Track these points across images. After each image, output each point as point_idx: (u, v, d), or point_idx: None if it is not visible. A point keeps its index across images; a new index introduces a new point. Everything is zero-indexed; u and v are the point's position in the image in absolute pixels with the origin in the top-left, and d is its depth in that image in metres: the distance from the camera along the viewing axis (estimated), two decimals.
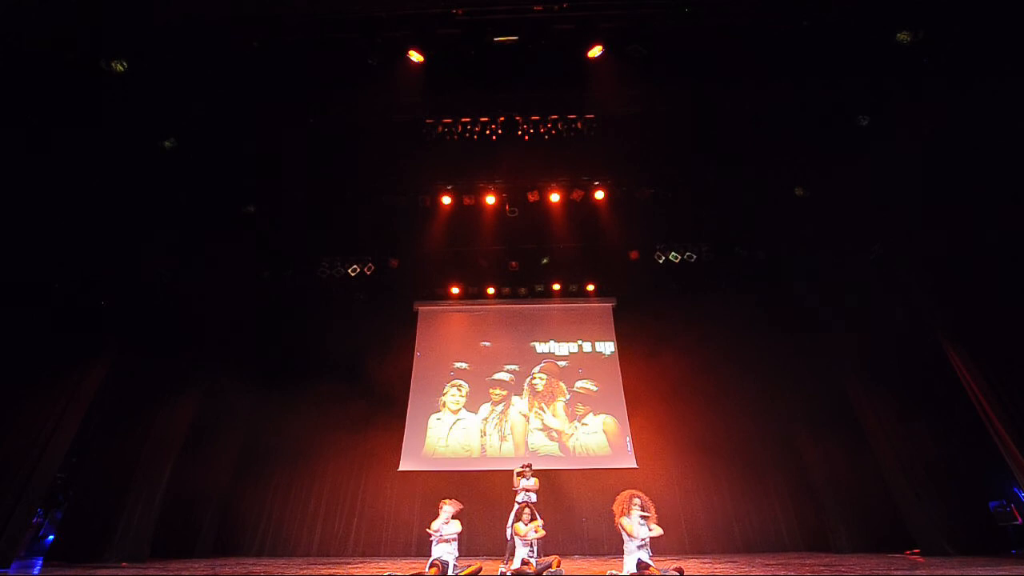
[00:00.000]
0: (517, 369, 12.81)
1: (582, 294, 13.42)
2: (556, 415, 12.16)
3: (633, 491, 5.89)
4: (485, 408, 12.28)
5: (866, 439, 9.29)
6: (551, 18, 7.15)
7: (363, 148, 9.09)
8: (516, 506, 6.72)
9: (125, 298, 9.00)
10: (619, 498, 5.88)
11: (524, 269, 12.16)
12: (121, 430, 9.00)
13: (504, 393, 12.48)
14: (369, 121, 8.65)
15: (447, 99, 8.27)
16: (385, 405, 12.13)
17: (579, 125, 8.79)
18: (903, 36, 6.77)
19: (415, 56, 7.44)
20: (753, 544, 10.21)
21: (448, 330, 13.46)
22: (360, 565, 8.06)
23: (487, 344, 13.22)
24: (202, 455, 10.24)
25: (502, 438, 11.83)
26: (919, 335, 9.41)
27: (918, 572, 5.34)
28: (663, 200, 10.22)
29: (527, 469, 7.37)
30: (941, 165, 7.67)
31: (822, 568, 6.20)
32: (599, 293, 13.43)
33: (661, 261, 11.42)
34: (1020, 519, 7.85)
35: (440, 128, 8.81)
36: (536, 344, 13.18)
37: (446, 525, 6.07)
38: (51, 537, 8.74)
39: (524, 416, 12.14)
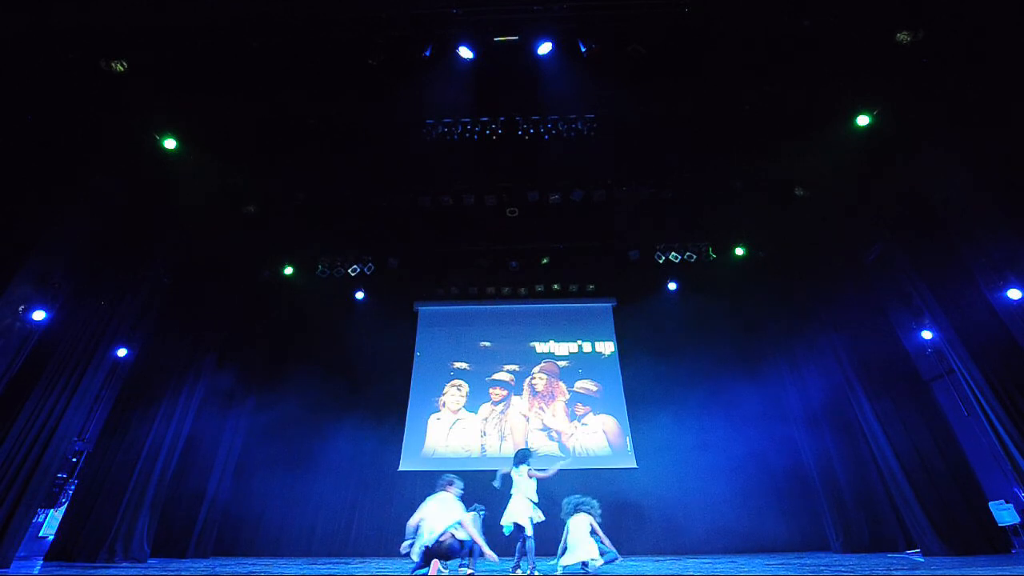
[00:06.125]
0: (517, 369, 12.80)
1: (582, 294, 13.42)
2: (556, 415, 12.16)
3: None
4: (485, 408, 12.28)
5: (865, 439, 9.28)
6: (551, 17, 7.16)
7: (363, 148, 9.10)
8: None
9: (124, 299, 8.99)
10: None
11: (524, 269, 12.17)
12: (122, 430, 9.00)
13: (504, 393, 12.48)
14: (369, 121, 8.65)
15: (447, 98, 8.27)
16: (385, 405, 12.14)
17: (579, 125, 8.79)
18: (903, 36, 6.77)
19: (415, 56, 7.44)
20: (753, 544, 10.20)
21: (448, 330, 13.45)
22: (360, 565, 8.05)
23: (487, 344, 13.22)
24: (203, 454, 10.23)
25: (502, 438, 11.84)
26: (918, 335, 9.45)
27: (918, 572, 5.34)
28: (663, 200, 10.23)
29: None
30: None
31: (822, 568, 6.20)
32: (599, 293, 13.44)
33: (661, 261, 11.44)
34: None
35: (440, 128, 8.81)
36: (536, 344, 13.18)
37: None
38: (51, 537, 8.72)
39: (524, 416, 12.14)
